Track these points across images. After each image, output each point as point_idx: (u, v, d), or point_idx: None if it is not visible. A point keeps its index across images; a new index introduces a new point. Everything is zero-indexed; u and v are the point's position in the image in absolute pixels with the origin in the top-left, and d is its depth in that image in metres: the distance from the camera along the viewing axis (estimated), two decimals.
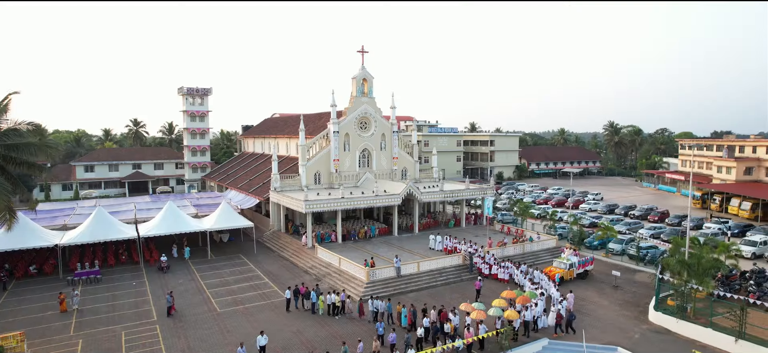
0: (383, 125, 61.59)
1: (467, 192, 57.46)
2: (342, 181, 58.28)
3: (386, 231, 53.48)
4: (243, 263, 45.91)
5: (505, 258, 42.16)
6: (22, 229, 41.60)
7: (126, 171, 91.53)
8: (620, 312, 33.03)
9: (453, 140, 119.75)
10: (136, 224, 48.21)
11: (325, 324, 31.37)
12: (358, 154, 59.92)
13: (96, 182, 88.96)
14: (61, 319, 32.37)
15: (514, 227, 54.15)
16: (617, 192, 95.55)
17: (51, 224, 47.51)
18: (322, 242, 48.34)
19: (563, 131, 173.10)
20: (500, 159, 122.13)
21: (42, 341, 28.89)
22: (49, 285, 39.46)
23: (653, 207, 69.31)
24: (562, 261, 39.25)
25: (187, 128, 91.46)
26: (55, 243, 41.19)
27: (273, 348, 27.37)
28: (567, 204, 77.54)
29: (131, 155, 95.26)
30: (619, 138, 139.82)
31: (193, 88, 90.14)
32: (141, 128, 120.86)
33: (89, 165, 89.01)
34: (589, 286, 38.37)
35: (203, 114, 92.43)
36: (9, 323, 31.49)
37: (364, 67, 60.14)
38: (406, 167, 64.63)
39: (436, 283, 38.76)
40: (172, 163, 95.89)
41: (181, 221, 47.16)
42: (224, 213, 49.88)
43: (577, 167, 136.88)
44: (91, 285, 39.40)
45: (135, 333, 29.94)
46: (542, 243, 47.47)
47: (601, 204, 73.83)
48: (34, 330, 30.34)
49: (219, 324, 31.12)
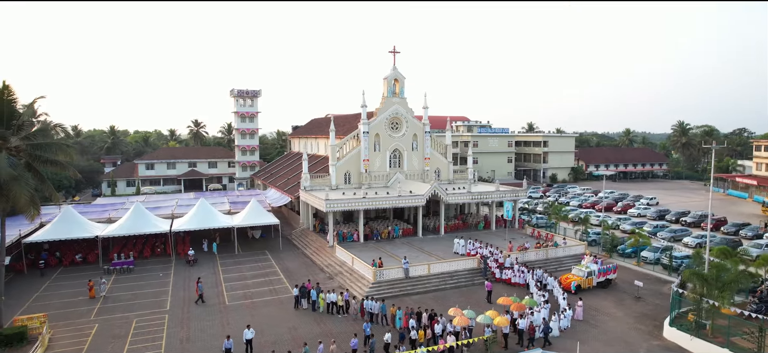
0: (415, 126, 61.23)
1: (497, 194, 55.84)
2: (372, 181, 58.67)
3: (411, 232, 53.16)
4: (266, 259, 47.49)
5: (524, 263, 40.64)
6: (70, 221, 45.71)
7: (182, 169, 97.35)
8: (634, 325, 30.85)
9: (504, 140, 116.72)
10: (172, 220, 51.21)
11: (322, 322, 31.82)
12: (388, 154, 60.01)
13: (155, 179, 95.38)
14: (87, 304, 35.13)
15: (545, 232, 51.94)
16: (679, 197, 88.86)
17: (98, 217, 51.52)
18: (343, 241, 49.01)
19: (628, 131, 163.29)
20: (554, 161, 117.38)
21: (64, 323, 31.55)
22: (89, 272, 42.79)
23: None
24: (580, 269, 37.23)
25: (237, 129, 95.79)
26: (96, 235, 44.65)
27: (263, 342, 28.18)
28: (616, 209, 73.34)
29: (187, 154, 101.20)
30: (687, 139, 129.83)
31: (243, 90, 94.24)
32: (201, 129, 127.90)
33: (150, 163, 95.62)
34: (608, 296, 36.13)
35: (252, 115, 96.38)
36: (42, 305, 34.66)
37: (395, 67, 60.15)
38: (439, 168, 63.85)
39: (446, 286, 38.09)
40: (225, 162, 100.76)
41: (211, 218, 49.58)
42: (253, 211, 51.80)
43: (640, 170, 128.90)
44: (124, 275, 42.40)
45: (145, 321, 31.94)
46: (568, 249, 45.22)
47: (651, 209, 69.00)
48: (61, 313, 33.19)
49: (222, 317, 32.45)
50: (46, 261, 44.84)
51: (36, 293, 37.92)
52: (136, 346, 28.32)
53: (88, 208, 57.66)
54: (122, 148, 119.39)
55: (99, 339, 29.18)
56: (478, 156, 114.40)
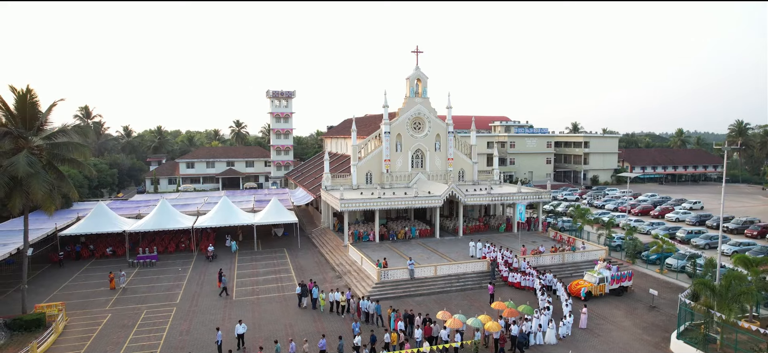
0: (438, 126, 60.68)
1: (519, 196, 54.40)
2: (393, 181, 58.70)
3: (428, 233, 52.74)
4: (282, 256, 48.49)
5: (536, 267, 39.44)
6: (101, 216, 48.40)
7: (221, 168, 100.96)
8: (640, 336, 29.28)
9: (542, 141, 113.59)
10: (196, 216, 53.22)
11: (320, 320, 32.18)
12: (410, 155, 59.79)
13: (195, 177, 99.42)
14: (107, 295, 37.17)
15: (567, 235, 50.15)
16: (730, 202, 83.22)
17: (129, 213, 54.31)
18: (359, 241, 49.35)
19: (681, 131, 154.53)
20: (595, 162, 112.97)
21: (82, 312, 33.55)
22: (117, 265, 45.19)
23: (755, 220, 59.40)
24: (592, 275, 35.72)
25: (272, 129, 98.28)
26: (123, 230, 47.11)
27: (258, 337, 28.87)
28: (653, 213, 69.77)
29: (226, 154, 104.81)
30: (744, 140, 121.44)
31: (278, 91, 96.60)
32: (242, 129, 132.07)
33: (190, 162, 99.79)
34: (621, 304, 34.46)
35: (287, 115, 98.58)
36: (67, 294, 37.04)
37: (418, 67, 59.91)
38: (463, 169, 62.99)
39: (451, 289, 37.57)
40: (261, 161, 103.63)
41: (233, 215, 51.17)
42: (273, 209, 53.02)
43: (691, 172, 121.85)
44: (146, 268, 44.52)
45: (154, 312, 33.44)
46: (587, 254, 43.45)
47: (692, 214, 65.08)
48: (82, 302, 35.31)
49: (225, 312, 33.46)
50: (80, 253, 47.83)
51: (65, 282, 40.48)
52: (140, 336, 29.72)
53: (122, 204, 60.90)
54: (168, 147, 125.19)
55: (108, 328, 30.82)
56: (515, 157, 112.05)
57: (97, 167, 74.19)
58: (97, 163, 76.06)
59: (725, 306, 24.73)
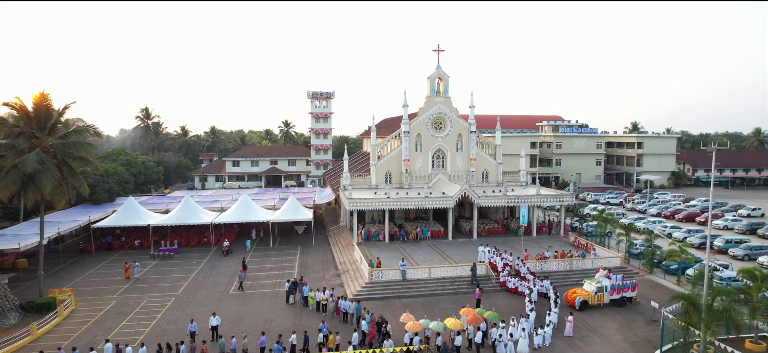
0: (459, 125, 59.54)
1: (538, 198, 52.27)
2: (412, 182, 58.32)
3: (441, 234, 51.90)
4: (293, 253, 49.62)
5: (539, 274, 37.82)
6: (131, 211, 51.84)
7: (265, 166, 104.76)
8: (626, 350, 27.28)
9: (592, 141, 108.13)
10: (220, 213, 55.63)
11: (300, 316, 32.71)
12: (430, 155, 59.12)
13: (241, 175, 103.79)
14: (119, 284, 39.84)
15: (586, 241, 47.55)
16: None
17: (158, 208, 57.66)
18: (369, 241, 49.55)
19: (759, 131, 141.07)
20: (651, 163, 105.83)
21: (91, 298, 36.20)
22: (141, 256, 48.23)
23: None
24: (591, 283, 33.70)
25: (312, 129, 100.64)
26: (148, 223, 50.20)
27: (234, 329, 29.76)
28: (699, 219, 64.52)
29: (270, 153, 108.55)
30: None
31: (317, 92, 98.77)
32: (291, 129, 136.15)
33: (236, 161, 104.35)
34: (618, 316, 32.26)
35: (326, 115, 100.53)
36: (86, 281, 40.19)
37: (439, 66, 59.22)
38: (486, 170, 61.36)
39: (443, 292, 36.81)
40: (303, 160, 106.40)
41: (250, 213, 53.02)
42: (289, 207, 54.42)
43: (765, 176, 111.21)
44: (165, 260, 47.18)
45: (152, 302, 35.47)
46: (600, 261, 40.92)
47: (743, 222, 59.36)
48: (95, 290, 38.11)
49: (217, 305, 34.77)
50: (111, 245, 51.58)
51: (89, 271, 43.82)
52: (132, 322, 31.66)
53: (155, 200, 64.84)
54: (221, 146, 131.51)
55: (107, 315, 33.08)
56: (562, 158, 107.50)
57: (144, 164, 79.53)
58: (145, 160, 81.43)
59: (705, 324, 22.48)
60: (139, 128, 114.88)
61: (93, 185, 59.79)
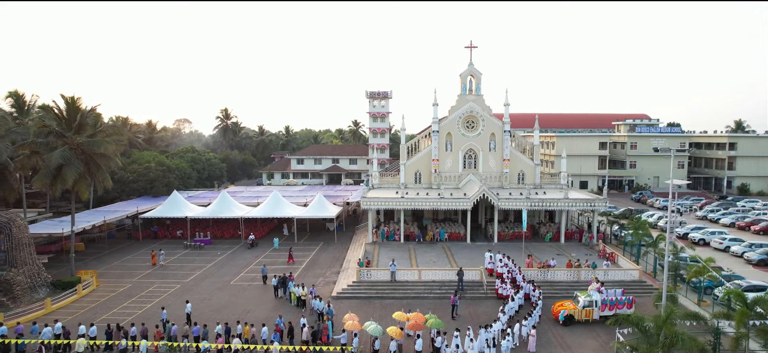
0: (492, 125, 57.27)
1: (565, 202, 48.71)
2: (442, 182, 57.25)
3: (460, 237, 50.37)
4: (311, 249, 51.09)
5: (545, 283, 35.62)
6: (173, 203, 56.60)
7: (327, 164, 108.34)
8: None
9: (673, 141, 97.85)
10: (256, 207, 58.78)
11: (278, 310, 33.73)
12: (461, 155, 57.57)
13: (304, 172, 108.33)
14: (145, 269, 43.89)
15: (611, 250, 43.50)
16: None
17: (200, 201, 62.00)
18: (385, 240, 49.63)
19: None
20: (746, 167, 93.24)
21: (114, 281, 40.32)
22: (176, 245, 52.56)
23: None
24: (579, 297, 30.97)
25: (370, 128, 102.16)
26: (186, 215, 54.51)
27: (213, 317, 31.56)
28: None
29: (332, 152, 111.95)
30: None
31: (375, 91, 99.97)
32: (360, 128, 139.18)
33: (300, 159, 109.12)
34: (603, 334, 29.25)
35: (384, 115, 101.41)
36: (119, 264, 45.01)
37: (471, 63, 57.46)
38: (523, 171, 58.32)
39: (428, 295, 35.87)
40: (364, 159, 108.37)
41: (278, 209, 55.50)
42: (316, 205, 56.09)
43: None
44: (196, 250, 50.95)
45: (159, 287, 38.69)
46: (613, 273, 37.32)
47: None
48: (120, 273, 42.39)
49: (211, 294, 37.07)
50: (157, 234, 56.81)
51: (128, 256, 48.69)
52: (131, 305, 34.89)
53: (206, 194, 69.86)
54: (294, 145, 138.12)
55: (117, 297, 36.72)
56: (637, 160, 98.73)
57: (209, 161, 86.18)
58: (211, 157, 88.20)
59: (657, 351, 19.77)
60: (219, 128, 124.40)
61: (154, 179, 66.29)
